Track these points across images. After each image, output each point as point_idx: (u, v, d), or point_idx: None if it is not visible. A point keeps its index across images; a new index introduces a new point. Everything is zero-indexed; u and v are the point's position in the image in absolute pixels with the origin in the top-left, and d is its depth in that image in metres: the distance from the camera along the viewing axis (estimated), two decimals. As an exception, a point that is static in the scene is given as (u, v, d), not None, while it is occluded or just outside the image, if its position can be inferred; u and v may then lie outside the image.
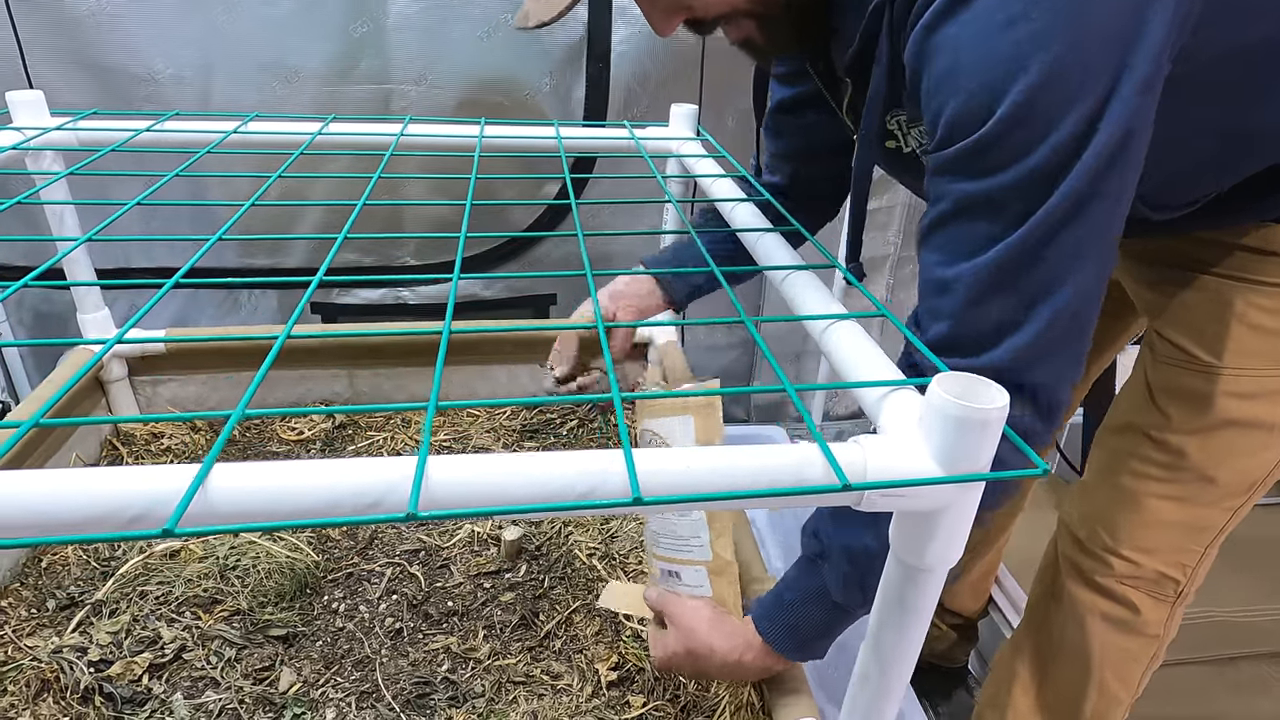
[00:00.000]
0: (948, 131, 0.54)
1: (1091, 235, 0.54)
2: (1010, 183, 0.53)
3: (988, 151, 0.53)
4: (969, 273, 0.55)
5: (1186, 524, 0.82)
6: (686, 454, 0.41)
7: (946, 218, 0.56)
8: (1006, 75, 0.51)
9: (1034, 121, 0.51)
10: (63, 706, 0.80)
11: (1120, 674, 0.90)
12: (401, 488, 0.37)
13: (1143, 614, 0.86)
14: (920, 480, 0.40)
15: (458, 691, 0.84)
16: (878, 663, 0.48)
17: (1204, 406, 0.77)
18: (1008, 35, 0.50)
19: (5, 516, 0.35)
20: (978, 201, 0.54)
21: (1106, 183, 0.52)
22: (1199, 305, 0.77)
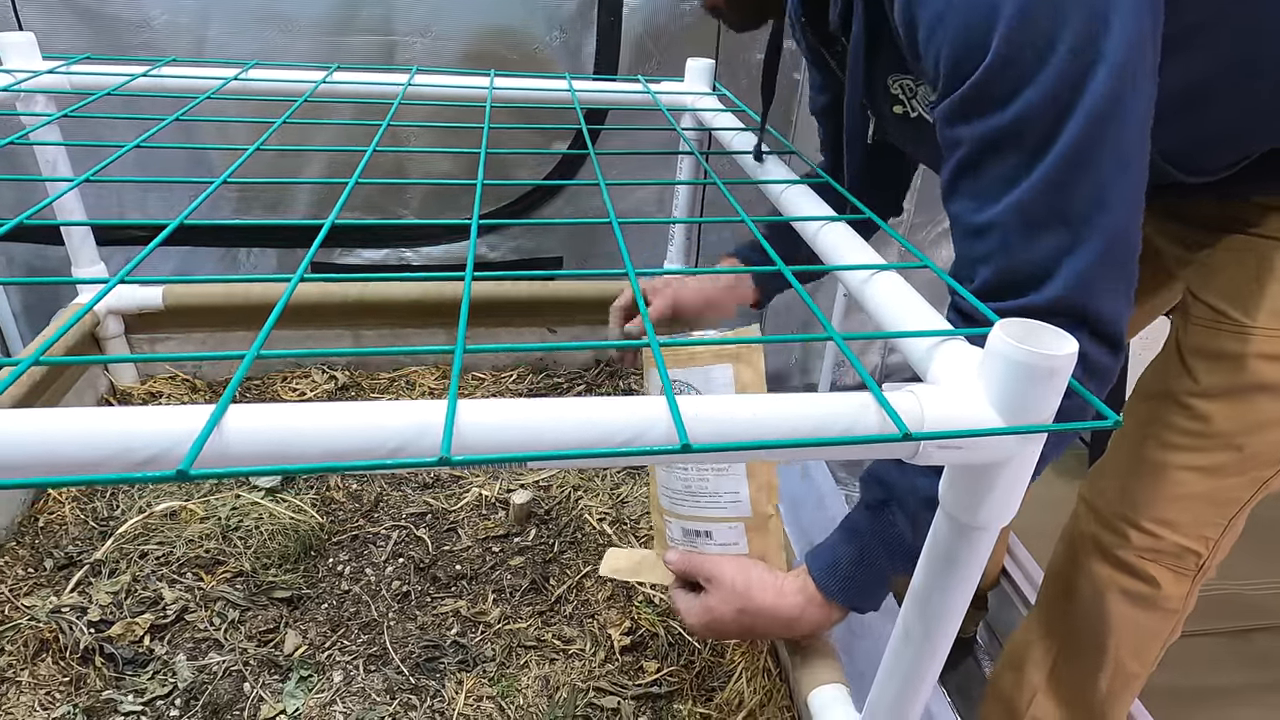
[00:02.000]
0: (950, 75, 0.53)
1: (1124, 146, 0.52)
2: (1022, 115, 0.51)
3: (994, 85, 0.51)
4: (1009, 210, 0.53)
5: (1211, 496, 0.80)
6: (735, 401, 0.38)
7: (969, 163, 0.55)
8: (992, 10, 0.49)
9: (1033, 42, 0.50)
10: (62, 667, 0.78)
11: (1138, 650, 0.89)
12: (432, 431, 0.35)
13: (1163, 588, 0.85)
14: (982, 431, 0.37)
15: (467, 655, 0.82)
16: (922, 622, 0.46)
17: (1235, 369, 0.75)
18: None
19: (12, 456, 0.33)
20: (998, 137, 0.53)
21: (1125, 91, 0.50)
22: (1236, 265, 0.75)
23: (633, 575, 0.83)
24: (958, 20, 0.51)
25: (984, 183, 0.54)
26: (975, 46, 0.50)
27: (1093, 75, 0.49)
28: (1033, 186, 0.52)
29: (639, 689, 0.79)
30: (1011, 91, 0.51)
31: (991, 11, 0.50)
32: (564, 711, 0.76)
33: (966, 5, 0.51)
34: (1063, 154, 0.51)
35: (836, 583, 0.65)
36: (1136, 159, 0.53)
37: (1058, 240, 0.53)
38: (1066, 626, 0.92)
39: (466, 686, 0.78)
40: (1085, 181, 0.52)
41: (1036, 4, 0.49)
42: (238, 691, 0.77)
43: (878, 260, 0.57)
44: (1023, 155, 0.52)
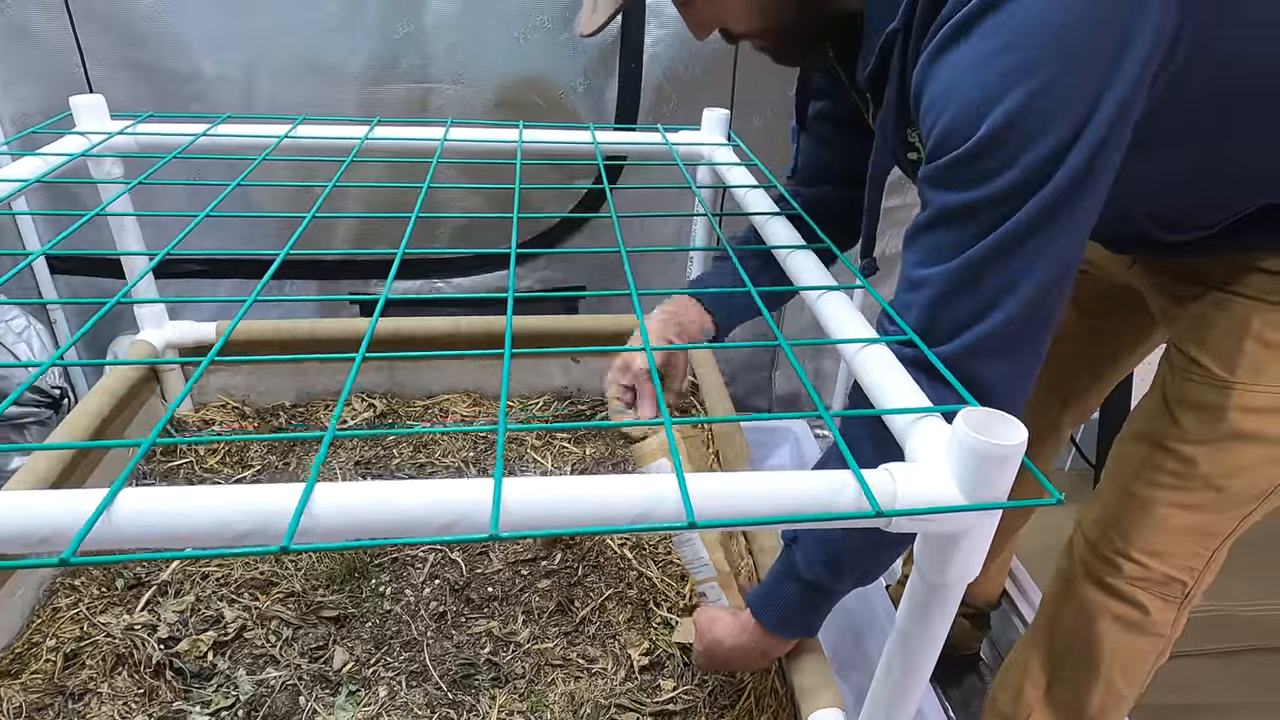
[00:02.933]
0: (937, 146, 0.59)
1: (1051, 249, 0.58)
2: (985, 196, 0.57)
3: (969, 166, 0.57)
4: (939, 275, 0.60)
5: (1195, 530, 0.86)
6: (735, 478, 0.45)
7: (928, 224, 0.62)
8: (991, 98, 0.55)
9: (1011, 142, 0.56)
10: (137, 680, 0.87)
11: (1127, 671, 0.95)
12: (482, 509, 0.42)
13: (1151, 614, 0.91)
14: (945, 508, 0.44)
15: (500, 673, 0.89)
16: (902, 660, 0.53)
17: (1216, 419, 0.81)
18: (997, 63, 0.55)
19: (140, 532, 0.41)
20: (956, 211, 0.59)
21: (1071, 203, 0.57)
22: (1216, 322, 0.80)
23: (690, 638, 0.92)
24: (953, 101, 0.57)
25: (933, 244, 0.61)
26: (961, 130, 0.57)
27: (1050, 182, 0.55)
28: (979, 252, 0.58)
29: (656, 706, 0.86)
30: (978, 178, 0.57)
31: (985, 106, 0.55)
32: (588, 726, 0.84)
33: (965, 90, 0.57)
34: (996, 242, 0.58)
35: (766, 612, 0.77)
36: (1064, 256, 0.60)
37: (962, 313, 0.60)
38: (1061, 647, 0.98)
39: (499, 702, 0.86)
40: (1007, 268, 0.58)
41: (1025, 113, 0.54)
42: (294, 704, 0.85)
43: (869, 330, 0.64)
44: (966, 233, 0.59)
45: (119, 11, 1.23)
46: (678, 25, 1.33)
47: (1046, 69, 0.54)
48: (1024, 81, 0.54)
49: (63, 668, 0.87)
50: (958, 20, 0.56)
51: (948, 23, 0.57)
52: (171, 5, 1.23)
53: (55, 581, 0.97)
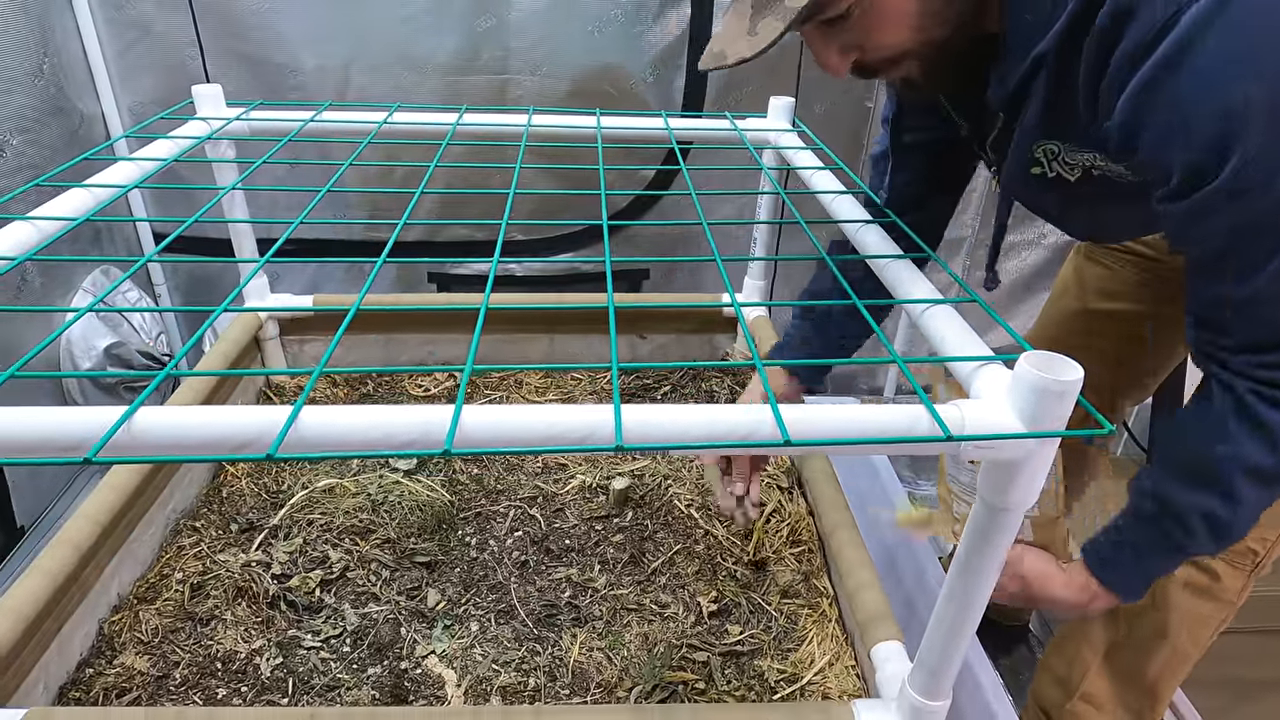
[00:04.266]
0: (1193, 174, 0.60)
1: None
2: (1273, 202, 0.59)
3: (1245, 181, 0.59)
4: (1262, 286, 0.63)
5: None
6: (827, 408, 0.52)
7: (1223, 246, 0.63)
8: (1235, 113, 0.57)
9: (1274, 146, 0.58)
10: (255, 610, 0.96)
11: (1194, 635, 0.99)
12: (606, 425, 0.49)
13: (1222, 580, 0.94)
14: (1006, 435, 0.50)
15: (580, 614, 0.97)
16: (962, 582, 0.59)
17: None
18: (1227, 75, 0.57)
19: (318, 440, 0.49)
20: (1251, 225, 0.61)
21: None
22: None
23: (923, 529, 0.96)
24: (1202, 128, 0.58)
25: (1244, 259, 0.63)
26: (1218, 149, 0.58)
27: None
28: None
29: (724, 647, 0.93)
30: (1266, 180, 0.58)
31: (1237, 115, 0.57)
32: (662, 663, 0.91)
33: (1204, 111, 0.58)
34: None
35: (1127, 585, 0.79)
36: None
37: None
38: (1129, 612, 1.02)
39: (580, 639, 0.94)
40: None
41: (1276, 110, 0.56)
42: (396, 634, 0.94)
43: (935, 294, 0.70)
44: (1272, 238, 0.61)
45: (229, 9, 1.34)
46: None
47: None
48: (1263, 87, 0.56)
49: (190, 597, 0.97)
50: (1168, 48, 0.57)
51: (1152, 50, 0.58)
52: (277, 4, 1.33)
53: (179, 523, 1.07)
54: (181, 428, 0.49)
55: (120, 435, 0.47)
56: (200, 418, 0.49)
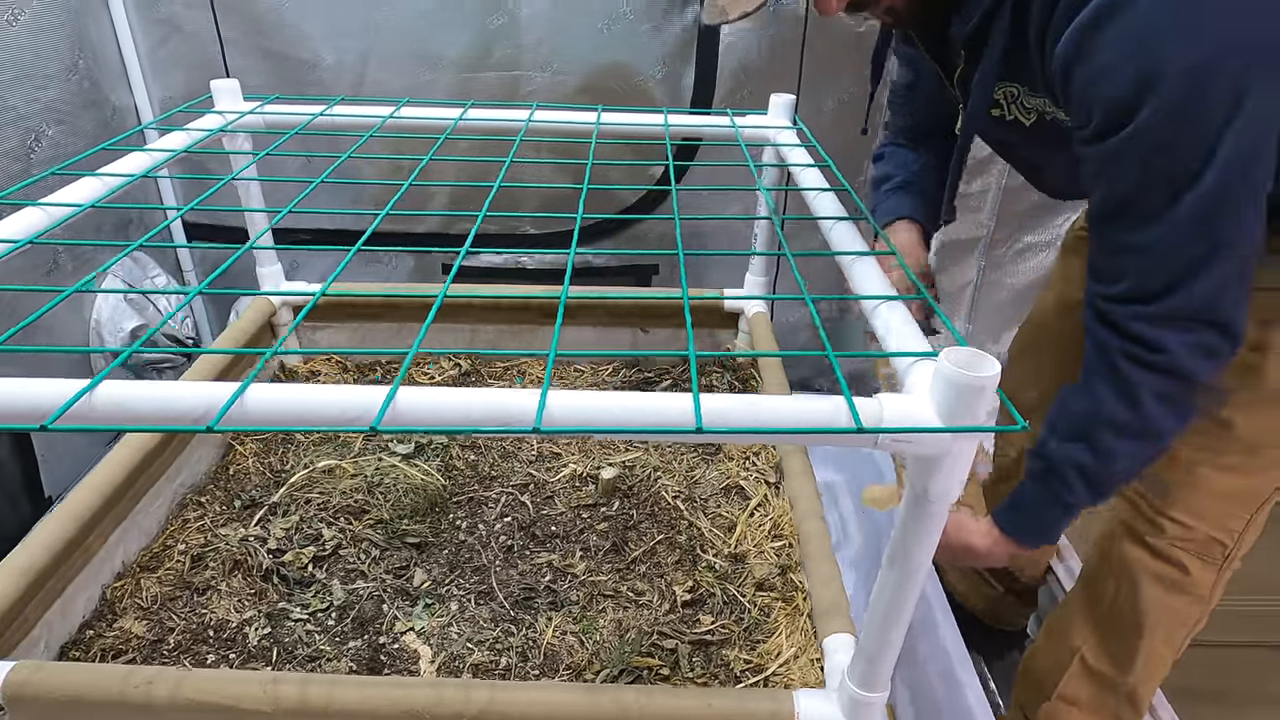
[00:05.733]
0: (1106, 120, 0.64)
1: (1250, 193, 0.65)
2: (1176, 160, 0.63)
3: (1152, 133, 0.63)
4: (1151, 237, 0.67)
5: (1234, 493, 0.89)
6: (749, 400, 0.53)
7: (1126, 195, 0.67)
8: (1159, 67, 0.61)
9: (1189, 107, 0.61)
10: (249, 582, 1.01)
11: (1168, 634, 0.97)
12: (529, 409, 0.51)
13: (1192, 574, 0.93)
14: (920, 429, 0.51)
15: (557, 598, 1.00)
16: (895, 575, 0.60)
17: (1253, 382, 0.83)
18: (1165, 35, 0.61)
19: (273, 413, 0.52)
20: (1152, 177, 0.65)
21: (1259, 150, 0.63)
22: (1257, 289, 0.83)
23: (885, 503, 1.01)
24: (1125, 75, 0.62)
25: (1140, 210, 0.67)
26: (1134, 98, 0.62)
27: (1231, 126, 0.61)
28: (1185, 212, 0.65)
29: (695, 636, 0.95)
30: (1171, 138, 0.63)
31: (1157, 71, 0.61)
32: (631, 649, 0.93)
33: (1137, 63, 0.62)
34: (1208, 190, 0.64)
35: (1026, 534, 0.87)
36: (1261, 195, 0.66)
37: (1194, 257, 0.66)
38: (1102, 612, 1.01)
39: (555, 623, 0.96)
40: (1225, 208, 0.65)
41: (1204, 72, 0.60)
42: (378, 611, 0.97)
43: (892, 291, 0.71)
44: (1173, 189, 0.65)
45: (253, 7, 1.39)
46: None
47: (1212, 38, 0.60)
48: (1188, 53, 0.60)
49: (189, 568, 1.02)
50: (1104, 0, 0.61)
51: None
52: (297, 2, 1.38)
53: (186, 497, 1.12)
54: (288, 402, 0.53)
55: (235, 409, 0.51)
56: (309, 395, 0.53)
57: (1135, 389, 0.71)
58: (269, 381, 1.36)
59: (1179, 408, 0.73)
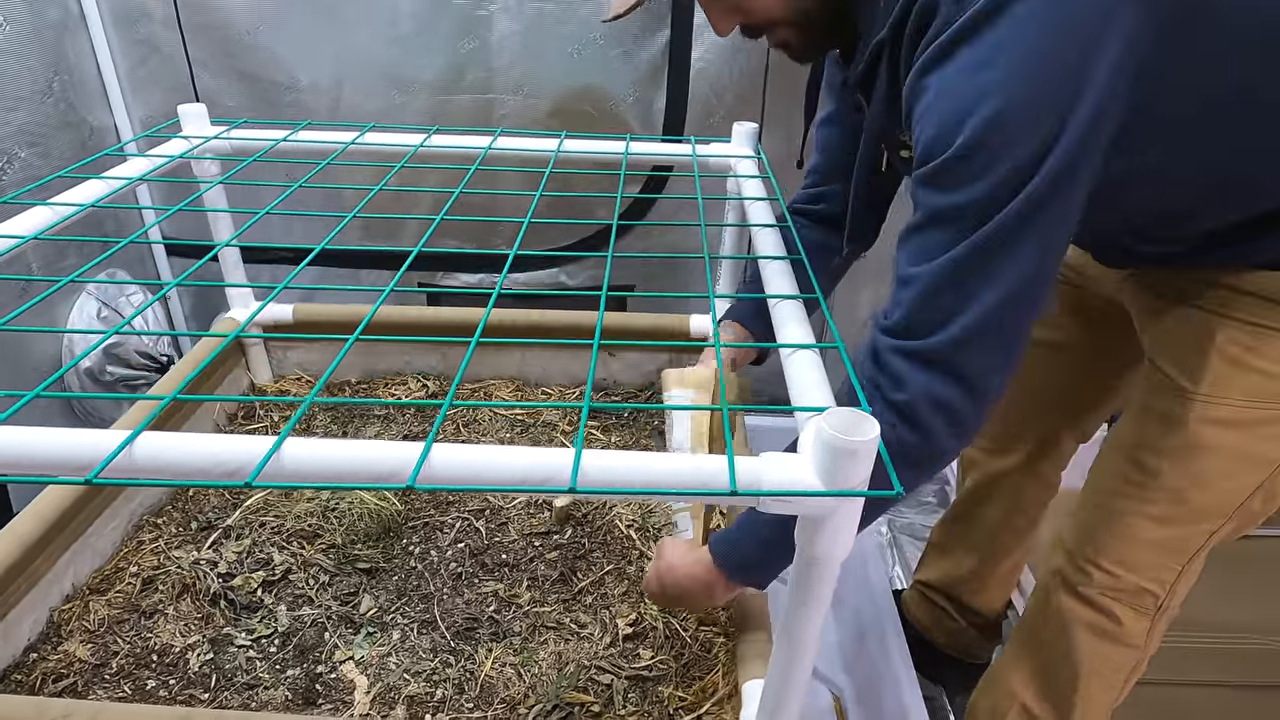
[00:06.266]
0: (925, 153, 0.66)
1: (1027, 251, 0.64)
2: (965, 200, 0.64)
3: (951, 171, 0.64)
4: (924, 273, 0.67)
5: (1163, 543, 0.87)
6: (627, 456, 0.53)
7: (917, 225, 0.68)
8: (968, 111, 0.62)
9: (987, 151, 0.62)
10: (197, 606, 1.02)
11: (1106, 682, 0.96)
12: (407, 464, 0.51)
13: (1124, 625, 0.92)
14: (795, 492, 0.51)
15: (499, 629, 1.00)
16: (788, 632, 0.60)
17: (1178, 430, 0.82)
18: (973, 81, 0.62)
19: (164, 466, 0.52)
20: (943, 213, 0.66)
21: (1046, 209, 0.63)
22: (1185, 335, 0.82)
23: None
24: (940, 114, 0.64)
25: (922, 244, 0.67)
26: (944, 139, 0.63)
27: (1025, 189, 0.62)
28: (960, 253, 0.65)
29: (633, 671, 0.94)
30: (960, 182, 0.64)
31: (963, 117, 0.62)
32: (568, 683, 0.93)
33: (949, 106, 0.63)
34: (978, 241, 0.64)
35: (723, 551, 0.81)
36: (1040, 258, 0.65)
37: (946, 308, 0.66)
38: (1040, 659, 1.00)
39: (495, 654, 0.96)
40: (987, 267, 0.64)
41: (997, 126, 0.61)
42: (320, 639, 0.98)
43: (809, 339, 0.70)
44: (952, 232, 0.65)
45: (229, 30, 1.41)
46: (724, 40, 1.40)
47: (1015, 88, 0.61)
48: (995, 98, 0.61)
49: (139, 590, 1.03)
50: (943, 42, 0.63)
51: (934, 43, 0.64)
52: (272, 26, 1.40)
53: (142, 519, 1.14)
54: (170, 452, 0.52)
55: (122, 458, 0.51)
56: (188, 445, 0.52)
57: None
58: (239, 401, 1.37)
59: (905, 458, 0.68)
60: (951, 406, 0.66)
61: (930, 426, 0.67)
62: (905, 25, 0.67)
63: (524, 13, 1.38)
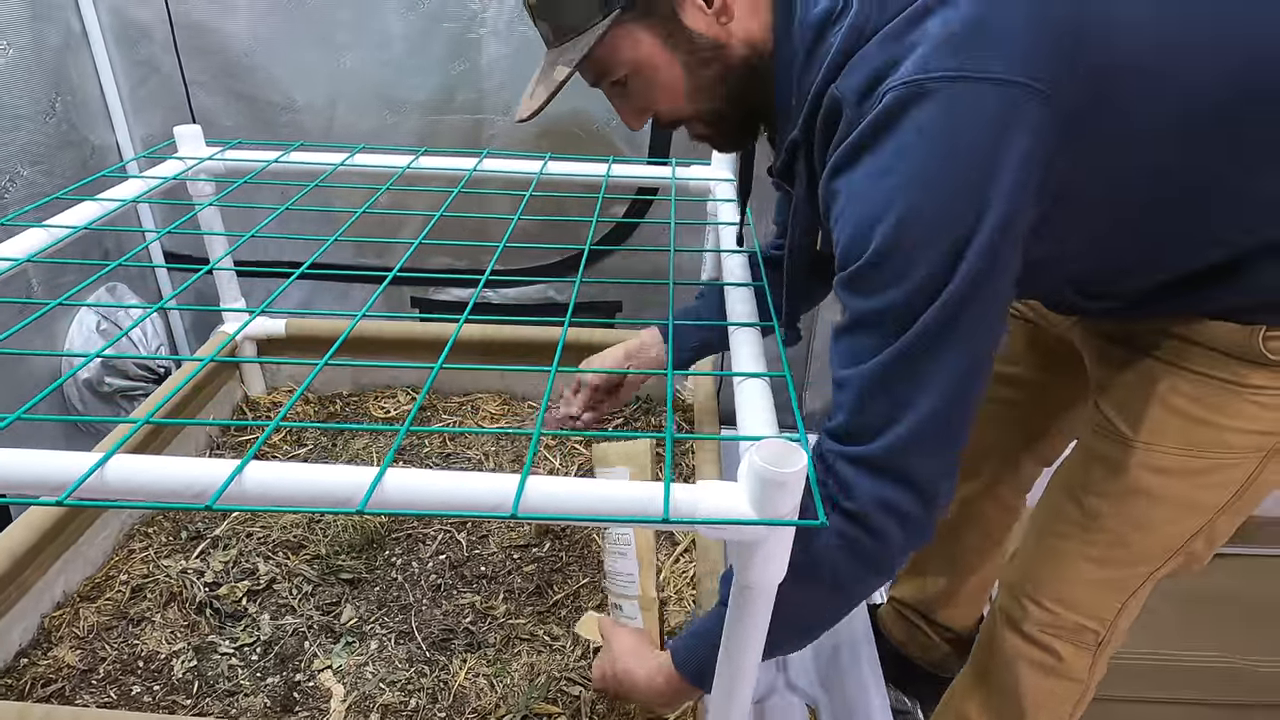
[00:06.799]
0: (843, 257, 0.66)
1: (954, 354, 0.63)
2: (884, 306, 0.64)
3: (868, 277, 0.64)
4: (855, 378, 0.66)
5: (1103, 582, 0.89)
6: (567, 482, 0.56)
7: (846, 328, 0.68)
8: (877, 217, 0.62)
9: (898, 256, 0.62)
10: (184, 614, 1.05)
11: (1052, 713, 0.98)
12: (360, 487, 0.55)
13: (1065, 660, 0.94)
14: (726, 520, 0.54)
15: (474, 640, 1.03)
16: (728, 656, 0.62)
17: (1119, 474, 0.84)
18: (877, 187, 0.63)
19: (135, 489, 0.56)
20: (865, 317, 0.66)
21: (968, 309, 0.62)
22: (1129, 382, 0.84)
23: (591, 636, 1.00)
24: (851, 220, 0.64)
25: (850, 347, 0.67)
26: (858, 244, 0.64)
27: (942, 294, 0.61)
28: (887, 358, 0.64)
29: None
30: (878, 287, 0.64)
31: (872, 224, 0.62)
32: (539, 694, 0.96)
33: (858, 213, 0.64)
34: (902, 348, 0.63)
35: (688, 661, 0.78)
36: (971, 357, 0.65)
37: (881, 414, 0.65)
38: (990, 690, 1.03)
39: (469, 665, 0.99)
40: (916, 371, 0.64)
41: (904, 232, 0.61)
42: (300, 648, 1.01)
43: (761, 369, 0.73)
44: (877, 337, 0.65)
45: (227, 53, 1.45)
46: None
47: (917, 195, 0.61)
48: (899, 204, 0.61)
49: (128, 599, 1.07)
50: (847, 148, 0.64)
51: (840, 146, 0.65)
52: (269, 49, 1.44)
53: (134, 528, 1.17)
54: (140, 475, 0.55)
55: (93, 480, 0.54)
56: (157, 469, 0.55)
57: (808, 538, 0.64)
58: (230, 413, 1.41)
59: (862, 560, 0.67)
60: (901, 509, 0.65)
61: (885, 531, 0.66)
62: (815, 123, 0.68)
63: (512, 37, 1.41)
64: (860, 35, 0.65)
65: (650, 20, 0.73)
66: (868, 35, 0.65)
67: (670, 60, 0.74)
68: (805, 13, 0.69)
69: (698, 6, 0.72)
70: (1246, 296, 0.74)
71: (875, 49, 0.64)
